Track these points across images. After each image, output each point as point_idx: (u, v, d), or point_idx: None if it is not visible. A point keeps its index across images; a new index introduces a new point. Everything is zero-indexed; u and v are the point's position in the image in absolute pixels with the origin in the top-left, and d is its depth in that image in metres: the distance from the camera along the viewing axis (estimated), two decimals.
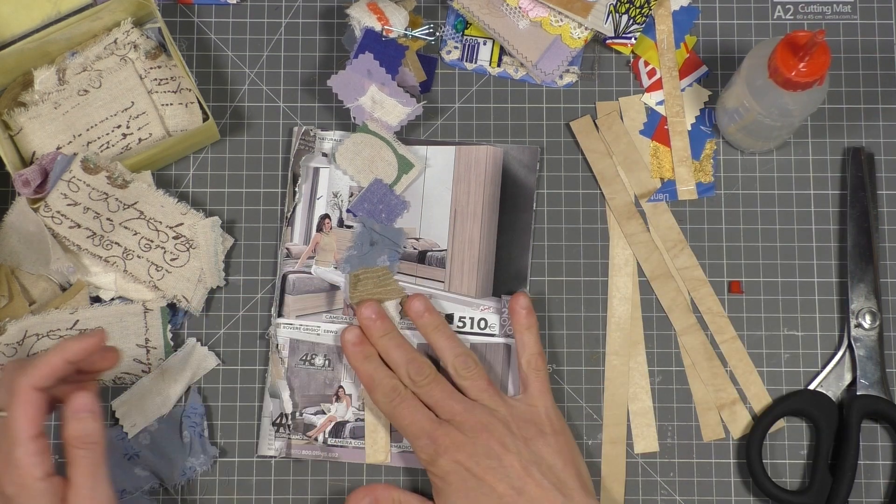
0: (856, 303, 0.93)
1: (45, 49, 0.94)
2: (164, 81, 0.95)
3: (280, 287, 0.95)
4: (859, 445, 0.90)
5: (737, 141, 0.95)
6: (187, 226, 0.93)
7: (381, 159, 0.95)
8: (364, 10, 0.94)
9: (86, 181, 0.92)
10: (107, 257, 0.92)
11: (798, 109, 0.87)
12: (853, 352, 0.92)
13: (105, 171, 0.92)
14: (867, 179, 0.95)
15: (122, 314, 0.93)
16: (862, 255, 0.94)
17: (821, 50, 0.82)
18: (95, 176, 0.92)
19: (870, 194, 0.95)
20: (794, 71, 0.83)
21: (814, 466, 0.91)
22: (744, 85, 0.87)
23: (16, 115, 0.94)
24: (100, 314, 0.93)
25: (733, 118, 0.92)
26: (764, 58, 0.85)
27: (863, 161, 0.95)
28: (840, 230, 0.95)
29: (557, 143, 0.97)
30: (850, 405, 0.91)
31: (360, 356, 0.91)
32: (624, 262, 0.96)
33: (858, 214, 0.94)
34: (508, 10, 0.96)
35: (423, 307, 0.92)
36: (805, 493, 0.91)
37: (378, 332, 0.91)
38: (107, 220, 0.92)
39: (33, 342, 0.91)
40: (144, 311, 0.93)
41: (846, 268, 0.94)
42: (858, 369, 0.92)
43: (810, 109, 0.87)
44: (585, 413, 0.94)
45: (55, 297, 0.93)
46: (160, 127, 0.95)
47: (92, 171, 0.91)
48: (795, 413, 0.93)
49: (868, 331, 0.93)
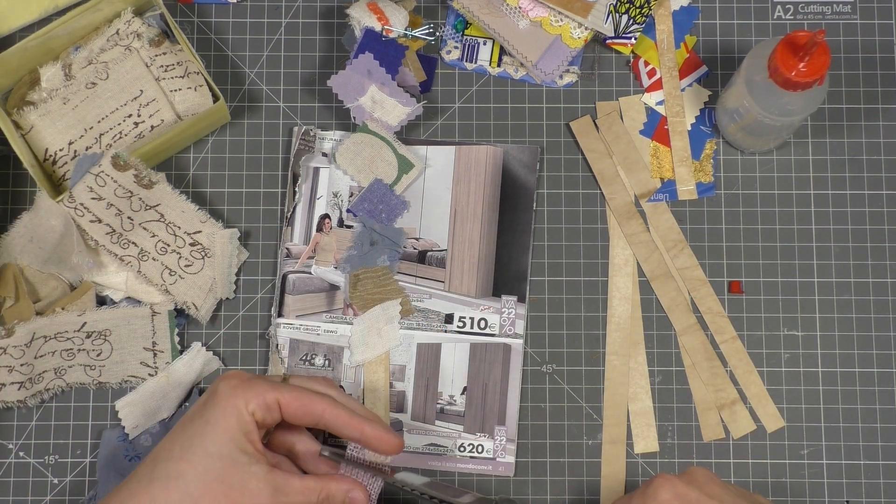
0: None
1: (48, 46, 0.94)
2: (171, 67, 0.95)
3: (280, 287, 0.95)
4: None
5: (737, 141, 0.95)
6: (205, 234, 0.93)
7: (381, 159, 0.95)
8: (364, 10, 0.94)
9: (113, 177, 0.92)
10: (122, 256, 0.92)
11: (798, 109, 0.87)
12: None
13: (134, 168, 0.92)
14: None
15: (129, 317, 0.93)
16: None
17: (821, 50, 0.82)
18: (124, 173, 0.92)
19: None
20: (794, 71, 0.83)
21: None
22: (744, 85, 0.87)
23: (26, 114, 0.94)
24: (108, 316, 0.93)
25: (733, 118, 0.92)
26: (764, 58, 0.85)
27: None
28: (837, 230, 0.95)
29: (557, 143, 0.97)
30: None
31: None
32: (624, 261, 0.96)
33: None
34: (508, 10, 0.96)
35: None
36: None
37: None
38: (128, 218, 0.92)
39: (41, 344, 0.92)
40: (152, 314, 0.93)
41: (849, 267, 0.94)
42: None
43: (810, 109, 0.87)
44: (585, 413, 0.94)
45: (63, 295, 0.93)
46: (171, 112, 0.95)
47: (121, 168, 0.92)
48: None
49: None
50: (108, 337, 0.92)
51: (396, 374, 0.94)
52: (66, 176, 0.94)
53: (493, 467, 0.93)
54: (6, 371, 0.91)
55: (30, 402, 0.92)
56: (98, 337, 0.92)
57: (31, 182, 0.97)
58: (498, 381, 0.93)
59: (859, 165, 0.97)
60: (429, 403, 0.94)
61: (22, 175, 0.97)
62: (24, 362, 0.91)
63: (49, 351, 0.92)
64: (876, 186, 0.96)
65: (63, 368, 0.92)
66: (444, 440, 0.93)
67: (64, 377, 0.92)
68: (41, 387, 0.92)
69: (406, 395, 0.94)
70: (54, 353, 0.92)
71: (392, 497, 0.93)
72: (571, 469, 0.93)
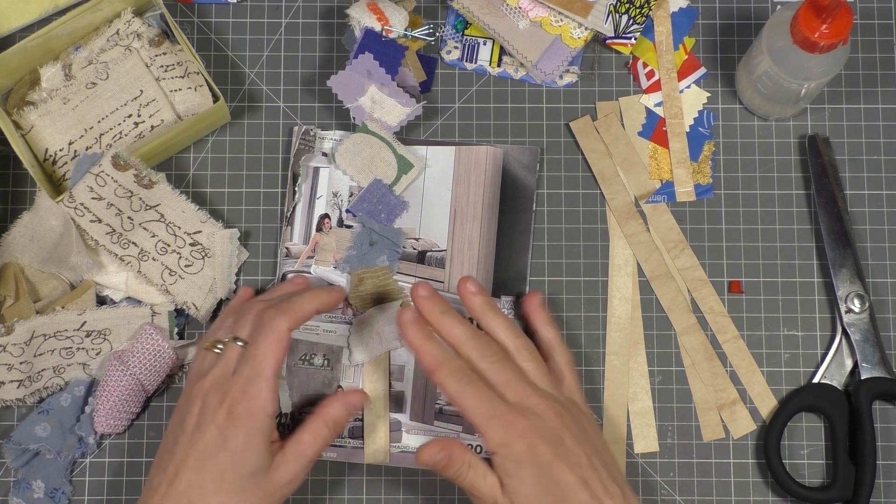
0: (842, 288, 0.93)
1: (48, 46, 0.94)
2: (171, 67, 0.95)
3: None
4: (874, 429, 0.90)
5: (755, 107, 0.95)
6: (205, 234, 0.93)
7: (381, 159, 0.95)
8: (364, 10, 0.94)
9: (114, 177, 0.91)
10: (122, 256, 0.92)
11: (822, 72, 0.88)
12: (849, 338, 0.92)
13: (134, 168, 0.92)
14: (828, 164, 0.95)
15: (129, 317, 0.93)
16: (838, 240, 0.94)
17: (843, 10, 0.83)
18: (124, 173, 0.92)
19: (833, 179, 0.95)
20: (817, 32, 0.84)
21: (834, 459, 0.91)
22: (765, 50, 0.88)
23: (26, 114, 0.94)
24: (108, 316, 0.93)
25: (754, 85, 0.92)
26: (785, 24, 0.86)
27: (819, 147, 0.95)
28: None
29: (557, 143, 0.97)
30: (857, 391, 0.91)
31: (419, 336, 0.85)
32: (624, 261, 0.95)
33: (826, 201, 0.94)
34: (508, 10, 0.96)
35: (476, 287, 0.89)
36: (831, 487, 0.90)
37: (437, 310, 0.87)
38: (128, 218, 0.92)
39: (40, 342, 0.91)
40: (152, 314, 0.93)
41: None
42: (858, 354, 0.92)
43: (834, 71, 0.88)
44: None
45: (63, 294, 0.93)
46: (171, 112, 0.95)
47: (121, 168, 0.91)
48: (805, 409, 0.93)
49: (859, 314, 0.93)
50: (107, 336, 0.92)
51: (395, 375, 0.94)
52: (66, 176, 0.94)
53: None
54: (5, 369, 0.91)
55: (28, 400, 0.92)
56: (98, 336, 0.92)
57: (31, 182, 0.96)
58: None
59: (858, 166, 0.97)
60: (428, 404, 0.94)
61: (22, 175, 0.97)
62: (24, 360, 0.91)
63: (48, 349, 0.91)
64: (875, 187, 0.96)
65: (62, 367, 0.92)
66: None
67: (62, 375, 0.92)
68: (40, 385, 0.92)
69: (405, 396, 0.94)
70: (53, 351, 0.91)
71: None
72: None
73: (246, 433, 0.80)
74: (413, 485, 0.93)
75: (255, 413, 0.81)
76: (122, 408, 0.90)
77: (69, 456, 0.91)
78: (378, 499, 0.93)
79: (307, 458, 0.83)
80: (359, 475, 0.93)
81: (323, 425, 0.84)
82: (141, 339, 0.91)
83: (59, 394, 0.92)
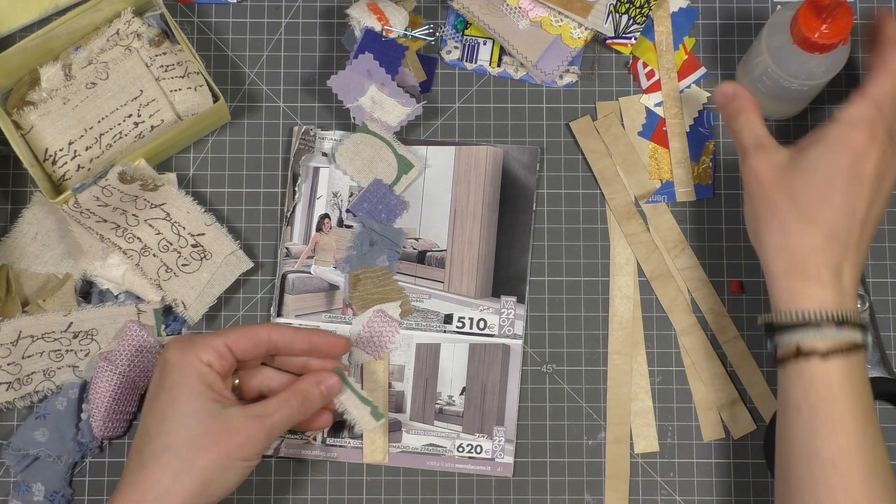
0: None
1: (48, 46, 0.94)
2: (171, 67, 0.95)
3: (280, 286, 0.95)
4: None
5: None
6: (209, 237, 0.93)
7: (381, 159, 0.95)
8: (364, 10, 0.94)
9: (119, 188, 0.92)
10: (126, 249, 0.91)
11: (822, 72, 0.87)
12: None
13: (140, 180, 0.92)
14: None
15: (115, 315, 0.92)
16: None
17: (843, 11, 0.83)
18: (129, 185, 0.92)
19: None
20: (817, 32, 0.84)
21: None
22: (765, 50, 0.88)
23: (26, 114, 0.94)
24: (93, 316, 0.92)
25: (754, 85, 0.92)
26: (785, 24, 0.86)
27: None
28: None
29: (557, 143, 0.97)
30: None
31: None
32: (625, 260, 0.95)
33: None
34: (508, 10, 0.96)
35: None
36: None
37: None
38: (132, 216, 0.92)
39: (28, 344, 0.91)
40: (138, 312, 0.92)
41: None
42: None
43: (834, 71, 0.88)
44: (585, 413, 0.94)
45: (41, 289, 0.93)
46: (171, 112, 0.95)
47: (128, 182, 0.92)
48: None
49: (860, 314, 0.92)
50: (94, 336, 0.92)
51: (395, 375, 0.94)
52: (66, 176, 0.94)
53: (491, 468, 0.93)
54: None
55: (18, 403, 0.91)
56: (85, 336, 0.92)
57: (31, 182, 0.96)
58: (497, 382, 0.93)
59: None
60: (427, 404, 0.94)
61: (22, 175, 0.97)
62: (11, 362, 0.91)
63: (37, 352, 0.91)
64: None
65: (52, 370, 0.91)
66: (442, 440, 0.93)
67: (53, 379, 0.91)
68: (30, 389, 0.91)
69: (405, 396, 0.94)
70: (42, 353, 0.91)
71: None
72: (571, 469, 0.93)
73: (179, 372, 0.82)
74: (413, 485, 0.93)
75: (186, 356, 0.83)
76: (118, 408, 0.90)
77: (70, 459, 0.91)
78: (378, 499, 0.93)
79: (270, 421, 0.83)
80: (359, 475, 0.93)
81: (292, 395, 0.85)
82: (126, 337, 0.91)
83: (53, 398, 0.91)
